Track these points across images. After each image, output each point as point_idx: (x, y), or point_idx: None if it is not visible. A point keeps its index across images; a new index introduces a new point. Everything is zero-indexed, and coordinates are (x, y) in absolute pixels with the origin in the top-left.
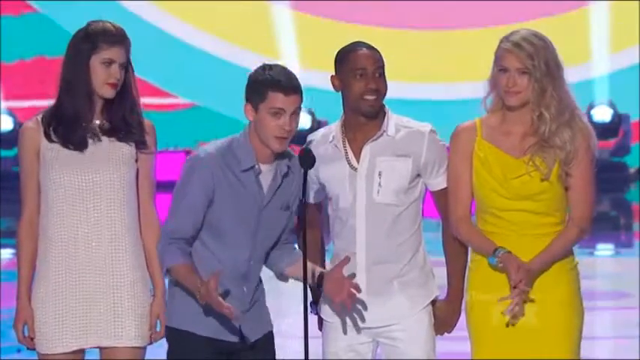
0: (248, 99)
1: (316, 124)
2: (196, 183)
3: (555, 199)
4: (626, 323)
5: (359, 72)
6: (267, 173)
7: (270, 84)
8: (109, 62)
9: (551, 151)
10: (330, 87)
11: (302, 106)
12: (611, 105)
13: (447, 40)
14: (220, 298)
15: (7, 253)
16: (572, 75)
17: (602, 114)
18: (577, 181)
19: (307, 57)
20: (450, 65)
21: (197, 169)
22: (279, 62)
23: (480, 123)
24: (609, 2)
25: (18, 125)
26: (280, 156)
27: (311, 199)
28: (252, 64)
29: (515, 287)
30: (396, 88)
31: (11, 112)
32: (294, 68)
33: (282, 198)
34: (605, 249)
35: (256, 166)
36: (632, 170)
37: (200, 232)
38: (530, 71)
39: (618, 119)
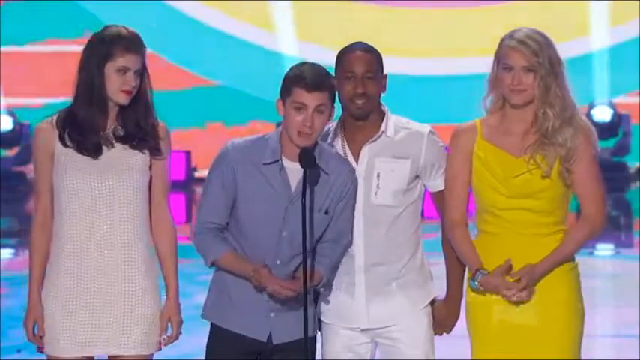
0: (280, 95)
1: None
2: (217, 176)
3: (556, 197)
4: (626, 323)
5: (348, 74)
6: (297, 171)
7: (294, 79)
8: (124, 70)
9: (551, 148)
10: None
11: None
12: (611, 105)
13: (445, 16)
14: (277, 278)
15: (7, 253)
16: (571, 48)
17: (602, 114)
18: (582, 178)
19: (304, 32)
20: (448, 41)
21: (220, 162)
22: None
23: (479, 123)
24: None
25: (18, 125)
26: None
27: None
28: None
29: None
30: (398, 64)
31: (11, 111)
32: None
33: (313, 198)
34: (605, 249)
35: (280, 161)
36: (632, 170)
37: (229, 227)
38: (536, 68)
39: (618, 119)
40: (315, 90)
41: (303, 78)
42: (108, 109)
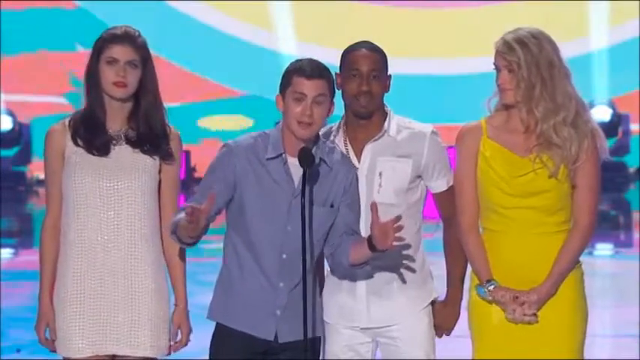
0: (279, 90)
1: None
2: (218, 169)
3: (560, 196)
4: (625, 323)
5: (353, 72)
6: (298, 167)
7: (294, 70)
8: (113, 61)
9: (554, 148)
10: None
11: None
12: (611, 105)
13: (444, 17)
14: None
15: (7, 253)
16: (570, 49)
17: (602, 114)
18: (580, 184)
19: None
20: (448, 42)
21: (223, 156)
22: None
23: (484, 122)
24: None
25: (18, 125)
26: (315, 150)
27: None
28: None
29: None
30: (395, 64)
31: (11, 111)
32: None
33: (316, 192)
34: (604, 249)
35: (283, 155)
36: (632, 170)
37: (232, 225)
38: (514, 68)
39: (618, 119)
40: (314, 78)
41: (302, 67)
42: (104, 102)
